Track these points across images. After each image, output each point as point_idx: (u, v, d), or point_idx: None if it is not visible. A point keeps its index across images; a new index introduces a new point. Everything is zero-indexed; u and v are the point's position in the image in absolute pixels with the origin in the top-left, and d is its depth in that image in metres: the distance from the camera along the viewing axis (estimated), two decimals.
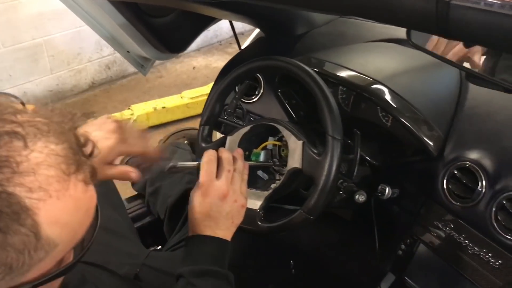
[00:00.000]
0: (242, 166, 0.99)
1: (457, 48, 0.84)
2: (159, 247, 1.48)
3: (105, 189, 1.39)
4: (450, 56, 0.85)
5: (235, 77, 1.15)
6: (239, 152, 1.02)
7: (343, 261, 1.51)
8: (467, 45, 0.69)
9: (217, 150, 0.99)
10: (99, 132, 0.87)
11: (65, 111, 0.57)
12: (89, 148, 0.57)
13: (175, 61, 4.08)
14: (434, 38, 0.82)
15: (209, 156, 0.96)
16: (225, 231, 0.93)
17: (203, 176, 0.94)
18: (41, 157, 0.50)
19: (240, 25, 1.75)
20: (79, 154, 0.54)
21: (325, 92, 1.01)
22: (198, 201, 0.93)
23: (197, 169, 0.96)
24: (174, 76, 3.97)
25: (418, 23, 0.61)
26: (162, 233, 1.51)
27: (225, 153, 0.98)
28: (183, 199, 1.41)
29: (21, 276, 0.51)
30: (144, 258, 1.19)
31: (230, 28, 1.69)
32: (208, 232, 0.92)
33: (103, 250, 1.16)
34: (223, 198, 0.93)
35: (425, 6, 0.58)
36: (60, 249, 0.53)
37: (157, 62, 3.32)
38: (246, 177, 1.00)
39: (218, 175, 0.95)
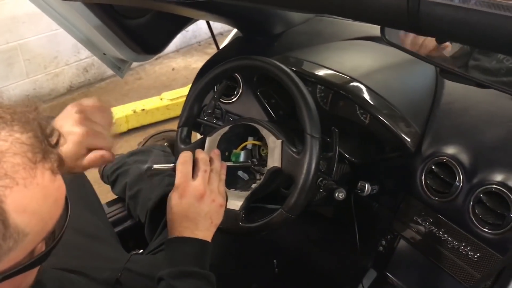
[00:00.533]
0: (219, 166, 0.98)
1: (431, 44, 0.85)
2: (141, 250, 1.47)
3: (84, 193, 1.38)
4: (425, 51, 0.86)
5: (213, 77, 1.14)
6: (216, 153, 1.01)
7: (325, 258, 1.51)
8: (440, 41, 0.70)
9: (193, 151, 0.98)
10: (65, 127, 0.84)
11: (29, 101, 0.57)
12: (55, 137, 0.57)
13: (154, 62, 4.06)
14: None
15: (184, 157, 0.95)
16: (204, 232, 0.92)
17: (178, 177, 0.93)
18: (5, 145, 0.50)
19: (219, 25, 1.75)
20: (44, 143, 0.54)
21: (303, 91, 1.01)
22: (175, 203, 0.92)
23: (173, 171, 0.95)
24: (153, 77, 3.94)
25: (390, 20, 0.62)
26: (143, 236, 1.50)
27: (201, 154, 0.97)
28: (163, 202, 1.40)
29: None
30: (125, 262, 1.18)
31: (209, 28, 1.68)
32: (187, 233, 0.91)
33: (83, 256, 1.14)
34: (200, 198, 0.92)
35: (396, 3, 0.58)
36: (30, 239, 0.53)
37: (136, 64, 3.30)
38: (224, 177, 0.99)
39: (194, 175, 0.94)
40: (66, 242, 1.12)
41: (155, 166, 0.96)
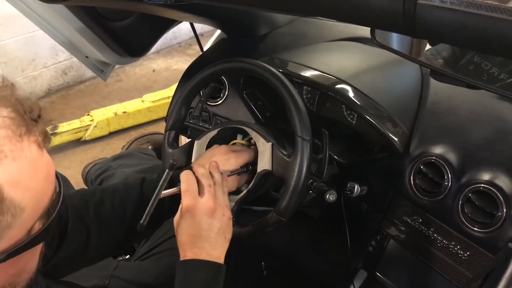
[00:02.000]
0: (220, 178, 0.96)
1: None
2: (127, 256, 1.45)
3: None
4: None
5: (200, 80, 1.13)
6: (214, 166, 0.97)
7: (313, 259, 1.51)
8: (433, 43, 0.71)
9: (191, 169, 0.95)
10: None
11: (4, 79, 0.57)
12: (36, 112, 0.56)
13: (134, 64, 4.01)
14: None
15: (187, 176, 0.92)
16: (219, 249, 0.89)
17: (186, 197, 0.89)
18: None
19: (199, 27, 1.73)
20: (26, 116, 0.54)
21: (293, 94, 1.00)
22: (187, 224, 0.88)
23: (179, 194, 0.91)
24: (134, 79, 3.89)
25: (385, 23, 0.61)
26: None
27: (200, 170, 0.94)
28: None
29: None
30: (113, 269, 1.16)
31: (189, 29, 1.67)
32: (203, 255, 0.87)
33: None
34: (211, 214, 0.88)
35: (392, 6, 0.58)
36: (27, 215, 0.52)
37: (116, 66, 3.26)
38: (226, 189, 0.96)
39: (200, 192, 0.91)
40: None
41: (164, 192, 0.90)
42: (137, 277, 1.16)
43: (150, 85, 3.78)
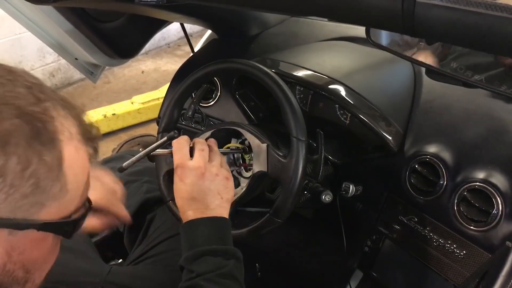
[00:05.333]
0: (217, 150, 0.98)
1: None
2: (120, 260, 1.43)
3: None
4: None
5: (193, 81, 1.11)
6: (213, 141, 1.00)
7: (309, 260, 1.51)
8: (430, 42, 0.70)
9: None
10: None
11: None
12: (94, 131, 0.62)
13: (123, 65, 3.96)
14: None
15: (181, 139, 0.95)
16: (217, 210, 0.90)
17: (176, 159, 0.91)
18: (66, 119, 0.56)
19: (188, 27, 1.72)
20: (87, 131, 0.60)
21: (287, 94, 0.99)
22: (178, 187, 0.90)
23: (171, 156, 0.95)
24: (123, 81, 3.86)
25: (383, 22, 0.61)
26: (121, 245, 1.45)
27: (197, 138, 0.98)
28: (142, 210, 1.37)
29: (39, 207, 0.53)
30: (106, 274, 1.14)
31: (178, 30, 1.66)
32: (198, 215, 0.89)
33: (61, 271, 1.09)
34: (201, 175, 0.89)
35: (390, 5, 0.57)
36: (68, 199, 0.56)
37: (106, 67, 3.22)
38: (224, 159, 0.99)
39: (191, 155, 0.92)
40: None
41: (156, 152, 0.95)
42: (131, 282, 1.14)
43: (139, 87, 3.76)
